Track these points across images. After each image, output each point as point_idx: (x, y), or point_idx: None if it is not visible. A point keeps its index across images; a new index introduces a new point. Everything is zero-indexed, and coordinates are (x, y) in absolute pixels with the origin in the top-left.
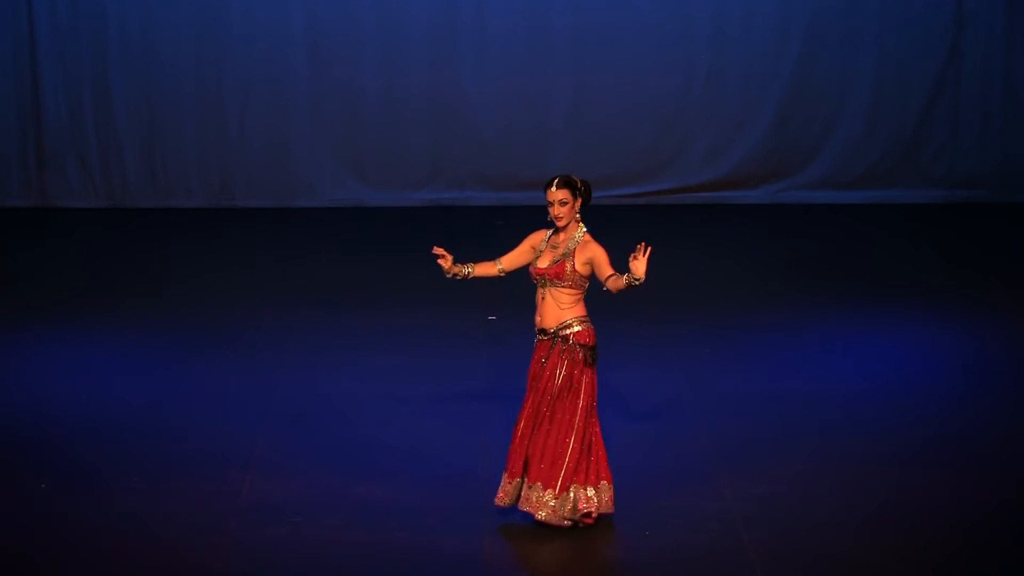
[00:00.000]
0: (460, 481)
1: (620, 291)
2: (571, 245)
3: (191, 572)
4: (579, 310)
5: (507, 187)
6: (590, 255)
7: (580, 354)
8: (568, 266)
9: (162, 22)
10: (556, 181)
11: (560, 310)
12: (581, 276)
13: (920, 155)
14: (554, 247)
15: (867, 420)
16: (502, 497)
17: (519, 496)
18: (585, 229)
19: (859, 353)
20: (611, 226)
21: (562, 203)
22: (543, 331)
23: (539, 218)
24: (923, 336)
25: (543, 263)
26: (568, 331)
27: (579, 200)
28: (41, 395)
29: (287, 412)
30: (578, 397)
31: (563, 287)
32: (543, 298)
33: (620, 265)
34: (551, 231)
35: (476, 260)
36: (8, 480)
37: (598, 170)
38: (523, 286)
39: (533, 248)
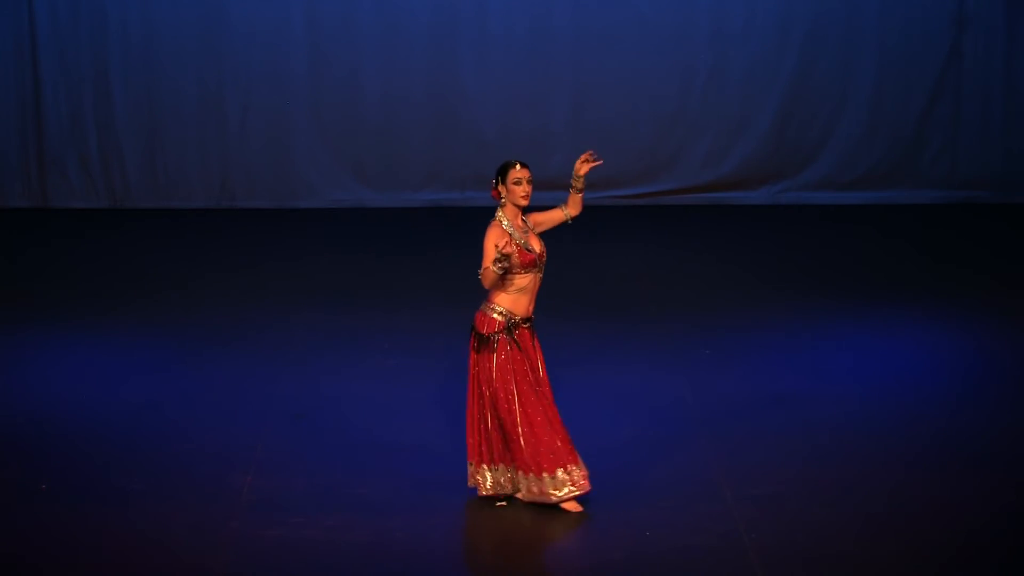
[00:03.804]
0: (460, 481)
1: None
2: (531, 226)
3: (191, 572)
4: None
5: None
6: (536, 222)
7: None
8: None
9: (163, 23)
10: (519, 162)
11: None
12: None
13: (920, 156)
14: (526, 231)
15: (867, 420)
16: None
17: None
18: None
19: (859, 353)
20: (611, 227)
21: (529, 182)
22: (528, 319)
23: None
24: (923, 336)
25: (538, 247)
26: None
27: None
28: (41, 395)
29: (288, 412)
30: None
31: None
32: (535, 285)
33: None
34: (502, 215)
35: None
36: (8, 480)
37: (598, 171)
38: None
39: (497, 246)
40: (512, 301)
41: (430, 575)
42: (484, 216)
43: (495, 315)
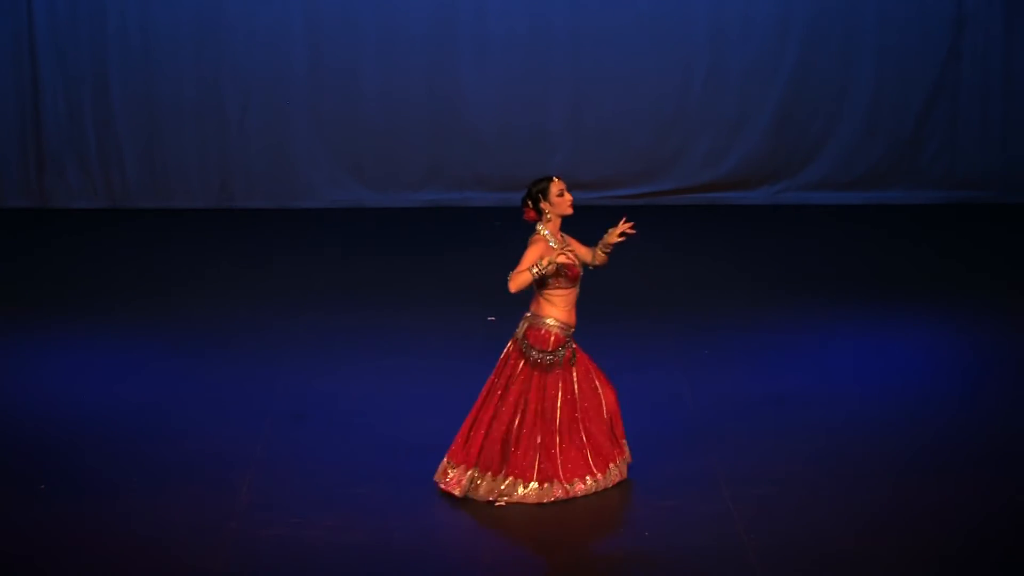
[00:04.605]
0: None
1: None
2: (567, 243)
3: (190, 572)
4: None
5: (507, 188)
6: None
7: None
8: None
9: (162, 23)
10: (554, 175)
11: None
12: None
13: (919, 156)
14: (566, 246)
15: (867, 421)
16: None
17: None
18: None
19: (859, 353)
20: (610, 227)
21: (568, 190)
22: (570, 331)
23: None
24: (923, 336)
25: (578, 261)
26: None
27: None
28: (40, 396)
29: (287, 412)
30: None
31: None
32: (576, 296)
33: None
34: (548, 232)
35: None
36: (7, 481)
37: (598, 171)
38: None
39: (543, 257)
40: (566, 314)
41: (430, 575)
42: (484, 216)
43: (556, 330)
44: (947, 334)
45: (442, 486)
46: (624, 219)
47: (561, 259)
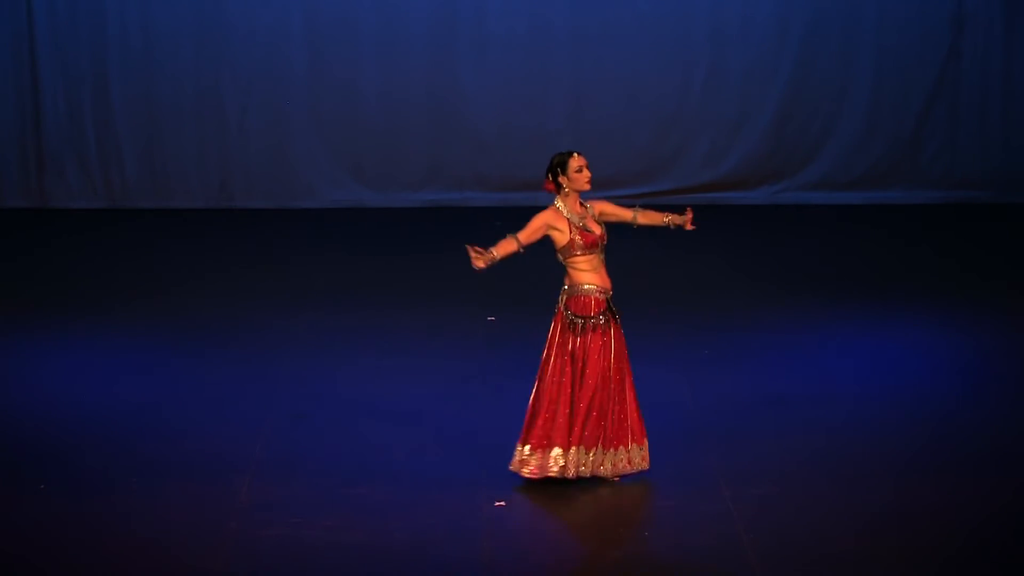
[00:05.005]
0: (460, 481)
1: (654, 225)
2: (595, 213)
3: (190, 572)
4: None
5: (507, 188)
6: (601, 210)
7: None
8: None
9: (161, 23)
10: (575, 151)
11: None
12: None
13: (919, 156)
14: (584, 216)
15: (866, 421)
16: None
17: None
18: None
19: (858, 354)
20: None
21: (588, 167)
22: (608, 294)
23: None
24: (922, 337)
25: (597, 229)
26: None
27: None
28: (40, 396)
29: (287, 412)
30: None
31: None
32: (601, 262)
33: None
34: (566, 204)
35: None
36: (7, 481)
37: (597, 171)
38: (522, 286)
39: (550, 226)
40: (598, 278)
41: (429, 575)
42: (484, 216)
43: (595, 293)
44: (947, 334)
45: (532, 474)
46: (689, 212)
47: (478, 264)
